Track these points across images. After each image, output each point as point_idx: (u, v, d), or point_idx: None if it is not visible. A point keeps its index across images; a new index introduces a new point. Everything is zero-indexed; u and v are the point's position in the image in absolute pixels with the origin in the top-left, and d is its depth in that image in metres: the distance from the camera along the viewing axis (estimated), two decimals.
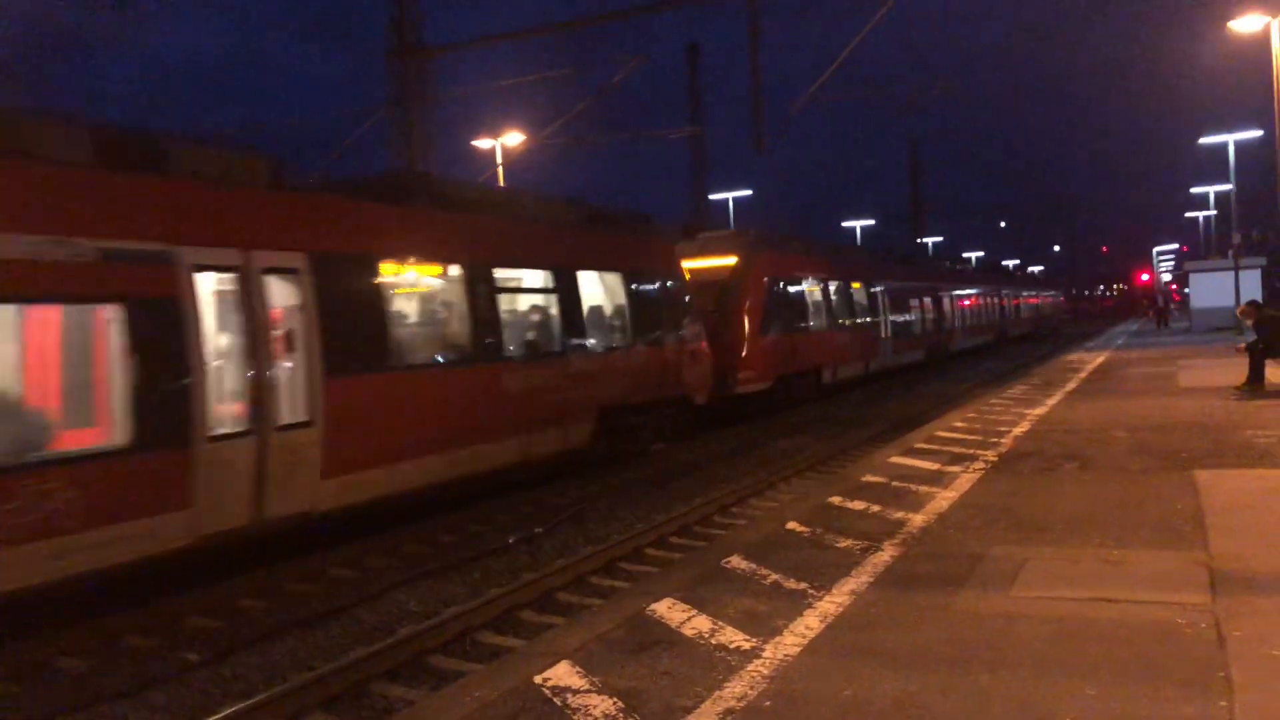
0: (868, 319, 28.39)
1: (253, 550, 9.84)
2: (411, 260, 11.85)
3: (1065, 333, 69.80)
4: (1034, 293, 65.74)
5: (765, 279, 21.24)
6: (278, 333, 9.72)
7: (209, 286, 9.29)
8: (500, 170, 27.15)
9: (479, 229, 13.08)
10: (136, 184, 8.85)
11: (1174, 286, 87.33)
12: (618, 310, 15.57)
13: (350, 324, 10.45)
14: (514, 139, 27.73)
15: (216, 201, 9.51)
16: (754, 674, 5.16)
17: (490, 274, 12.73)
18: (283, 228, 10.05)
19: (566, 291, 14.21)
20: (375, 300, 10.96)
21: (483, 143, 28.43)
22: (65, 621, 8.20)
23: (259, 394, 9.35)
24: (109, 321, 8.22)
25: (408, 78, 25.68)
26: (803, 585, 6.70)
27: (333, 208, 11.01)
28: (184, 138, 9.95)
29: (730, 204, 57.49)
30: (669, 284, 16.99)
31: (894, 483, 10.40)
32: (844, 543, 7.87)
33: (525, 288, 13.84)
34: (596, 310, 15.17)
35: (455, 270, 12.33)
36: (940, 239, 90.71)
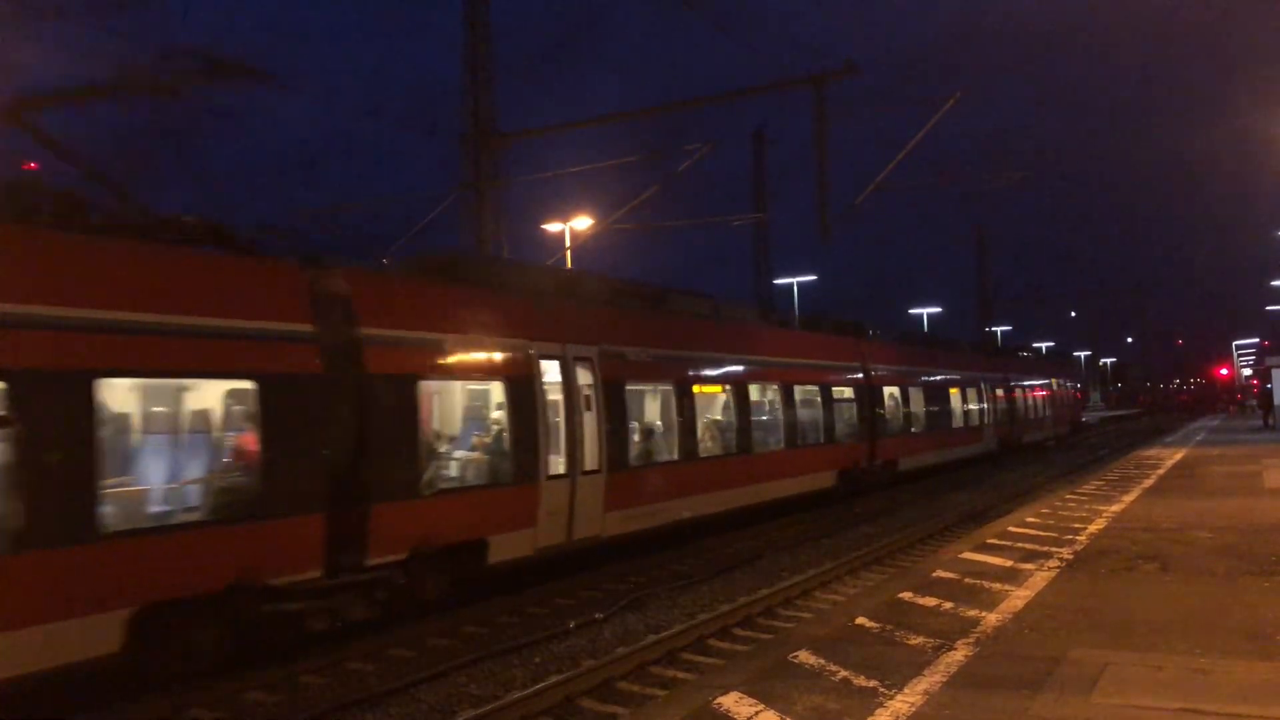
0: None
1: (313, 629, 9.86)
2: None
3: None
4: (1012, 379, 36.34)
5: None
6: None
7: None
8: (568, 253, 27.62)
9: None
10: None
11: (1254, 382, 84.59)
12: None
13: None
14: (583, 223, 28.25)
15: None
16: None
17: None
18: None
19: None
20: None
21: (552, 226, 29.02)
22: (129, 695, 8.27)
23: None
24: None
25: (482, 162, 26.43)
26: (873, 683, 6.51)
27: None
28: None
29: (795, 289, 57.60)
30: None
31: (966, 579, 10.12)
32: (916, 640, 7.65)
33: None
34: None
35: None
36: (1009, 328, 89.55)
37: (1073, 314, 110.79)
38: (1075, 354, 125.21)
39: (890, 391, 25.08)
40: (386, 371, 10.47)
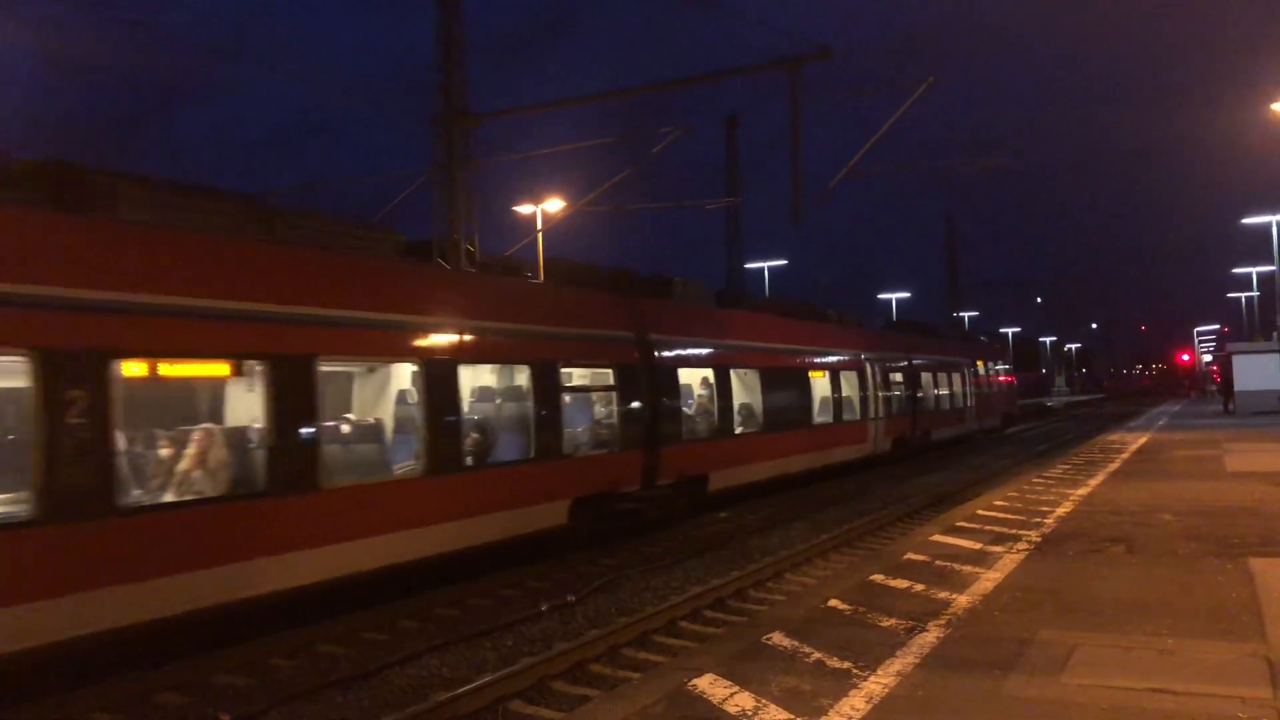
0: None
1: (283, 610, 9.80)
2: None
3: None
4: (916, 360, 29.00)
5: None
6: None
7: None
8: (540, 236, 27.50)
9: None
10: None
11: (1214, 368, 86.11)
12: None
13: None
14: (554, 205, 28.11)
15: None
16: None
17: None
18: None
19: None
20: None
21: (524, 208, 28.85)
22: (95, 678, 8.17)
23: None
24: None
25: (453, 143, 26.18)
26: (847, 665, 6.55)
27: None
28: None
29: (766, 273, 57.81)
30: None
31: (937, 561, 10.21)
32: (888, 622, 7.71)
33: None
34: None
35: None
36: (976, 313, 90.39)
37: (1038, 300, 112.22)
38: (1042, 339, 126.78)
39: (701, 376, 17.82)
40: None
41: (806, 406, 21.37)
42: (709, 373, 17.81)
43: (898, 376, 27.34)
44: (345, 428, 11.42)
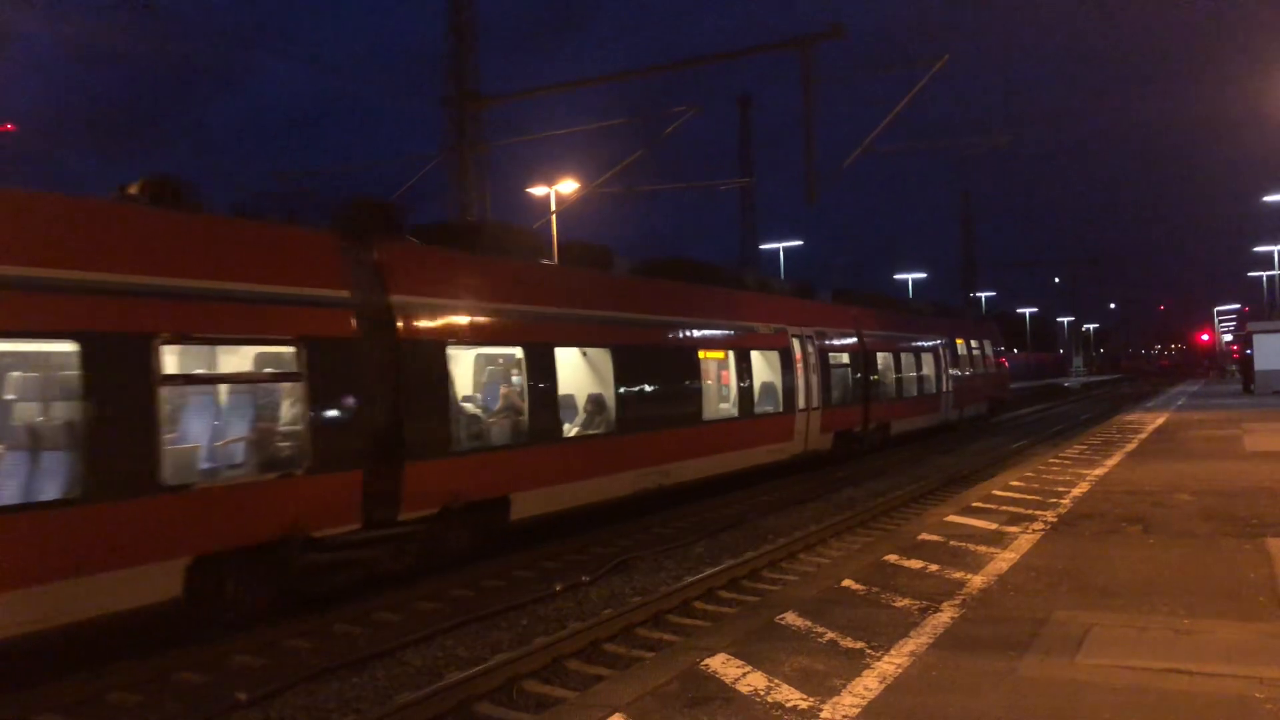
0: None
1: (300, 592, 9.86)
2: None
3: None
4: (868, 337, 24.10)
5: None
6: None
7: None
8: (554, 217, 27.47)
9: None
10: None
11: (1234, 347, 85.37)
12: None
13: None
14: (568, 186, 28.09)
15: None
16: None
17: None
18: None
19: None
20: None
21: (537, 189, 28.84)
22: (116, 656, 8.26)
23: None
24: None
25: (463, 125, 26.16)
26: (860, 645, 6.53)
27: None
28: None
29: (781, 254, 57.60)
30: None
31: (951, 542, 10.18)
32: (902, 602, 7.68)
33: None
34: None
35: None
36: (993, 293, 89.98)
37: (1056, 280, 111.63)
38: (1060, 319, 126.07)
39: (504, 356, 13.32)
40: None
41: (694, 396, 16.51)
42: (517, 352, 12.80)
43: (842, 357, 22.68)
44: None
